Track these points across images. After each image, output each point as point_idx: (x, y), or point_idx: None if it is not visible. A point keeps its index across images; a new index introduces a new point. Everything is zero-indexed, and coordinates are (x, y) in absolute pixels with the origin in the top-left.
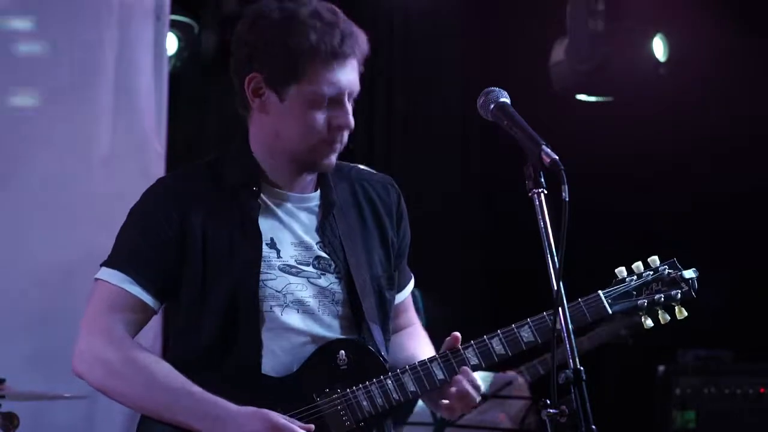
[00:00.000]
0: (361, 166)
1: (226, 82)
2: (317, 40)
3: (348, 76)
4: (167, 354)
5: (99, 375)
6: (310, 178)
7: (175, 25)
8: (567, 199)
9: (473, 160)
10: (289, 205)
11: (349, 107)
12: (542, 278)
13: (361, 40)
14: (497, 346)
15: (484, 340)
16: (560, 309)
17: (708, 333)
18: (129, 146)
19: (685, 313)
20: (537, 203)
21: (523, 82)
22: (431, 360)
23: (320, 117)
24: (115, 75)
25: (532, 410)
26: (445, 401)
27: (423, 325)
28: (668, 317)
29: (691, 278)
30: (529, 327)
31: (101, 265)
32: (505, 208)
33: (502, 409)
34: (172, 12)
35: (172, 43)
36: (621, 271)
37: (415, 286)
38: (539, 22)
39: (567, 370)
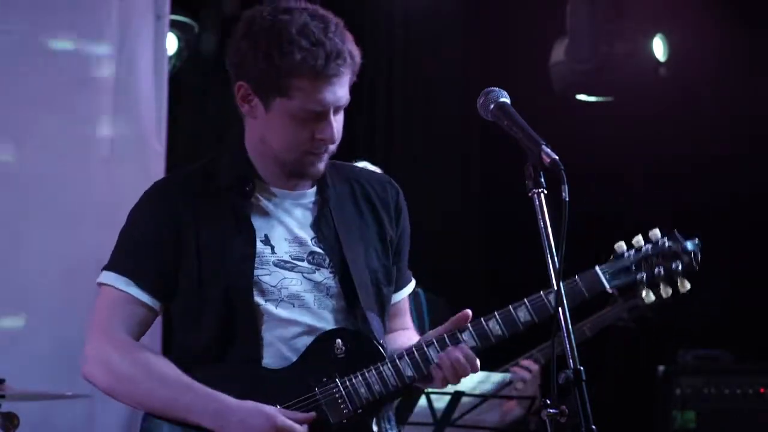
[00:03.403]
0: (360, 165)
1: (226, 82)
2: (302, 59)
3: (333, 93)
4: (169, 353)
5: (106, 377)
6: None
7: (175, 25)
8: (567, 199)
9: (473, 160)
10: (283, 202)
11: (334, 119)
12: (542, 278)
13: (351, 56)
14: (494, 327)
15: (481, 322)
16: (560, 309)
17: (708, 333)
18: (129, 146)
19: (688, 286)
20: (537, 203)
21: (523, 82)
22: (428, 344)
23: (303, 131)
24: (115, 75)
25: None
26: (438, 371)
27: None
28: (671, 291)
29: (693, 250)
30: (526, 307)
31: (102, 269)
32: (505, 209)
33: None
34: (172, 12)
35: (172, 43)
36: (620, 245)
37: (416, 286)
38: (539, 22)
39: (567, 370)
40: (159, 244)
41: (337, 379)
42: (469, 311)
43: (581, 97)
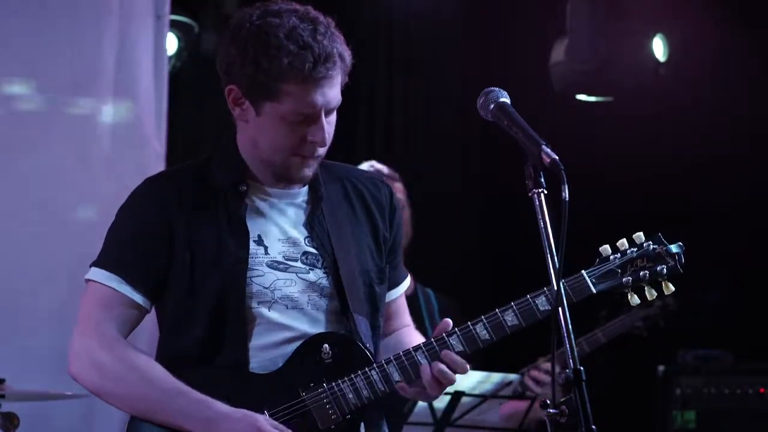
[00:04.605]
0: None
1: None
2: (289, 64)
3: (323, 96)
4: (157, 353)
5: (93, 377)
6: None
7: (175, 25)
8: (567, 199)
9: (473, 160)
10: (276, 202)
11: (326, 121)
12: (542, 278)
13: (341, 58)
14: (481, 331)
15: (468, 327)
16: (560, 309)
17: (708, 333)
18: (129, 146)
19: (672, 288)
20: (537, 203)
21: (523, 82)
22: (416, 349)
23: (294, 134)
24: (115, 75)
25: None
26: (426, 382)
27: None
28: (655, 293)
29: (678, 253)
30: (513, 311)
31: (91, 265)
32: (505, 208)
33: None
34: (172, 12)
35: (172, 43)
36: (605, 249)
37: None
38: (539, 22)
39: (567, 370)
40: (151, 241)
41: (324, 384)
42: (449, 321)
43: (581, 97)
